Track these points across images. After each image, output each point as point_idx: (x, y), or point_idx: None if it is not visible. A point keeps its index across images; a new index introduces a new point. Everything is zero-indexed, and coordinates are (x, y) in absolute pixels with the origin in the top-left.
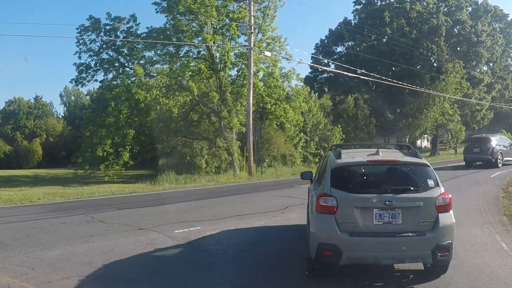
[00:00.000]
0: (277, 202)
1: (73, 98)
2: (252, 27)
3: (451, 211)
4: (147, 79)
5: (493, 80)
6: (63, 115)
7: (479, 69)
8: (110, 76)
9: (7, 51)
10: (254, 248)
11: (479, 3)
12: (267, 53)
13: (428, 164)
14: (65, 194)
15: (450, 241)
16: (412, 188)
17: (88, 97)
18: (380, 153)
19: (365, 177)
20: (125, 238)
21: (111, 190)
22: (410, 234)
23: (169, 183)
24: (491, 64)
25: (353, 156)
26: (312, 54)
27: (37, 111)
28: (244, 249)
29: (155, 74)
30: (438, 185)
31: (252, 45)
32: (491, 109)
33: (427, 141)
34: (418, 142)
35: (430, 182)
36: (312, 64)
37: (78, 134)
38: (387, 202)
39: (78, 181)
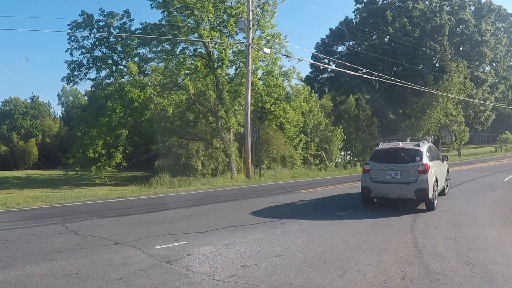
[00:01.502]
0: (276, 210)
1: (71, 98)
2: (251, 23)
3: (428, 173)
4: (142, 77)
5: (496, 81)
6: (61, 115)
7: (482, 69)
8: (103, 74)
9: (5, 50)
10: (246, 272)
11: (483, 2)
12: (266, 50)
13: (420, 149)
14: (49, 198)
15: (425, 187)
16: (406, 160)
17: (86, 97)
18: (400, 144)
19: (386, 155)
20: (96, 255)
21: (98, 194)
22: (403, 183)
23: (162, 187)
24: (494, 64)
25: (385, 145)
26: (313, 53)
27: (34, 111)
28: (235, 273)
29: (149, 72)
30: (422, 160)
31: (250, 41)
32: (492, 110)
33: (428, 142)
34: None
35: (417, 158)
36: (313, 62)
37: (73, 135)
38: (392, 167)
39: (70, 183)
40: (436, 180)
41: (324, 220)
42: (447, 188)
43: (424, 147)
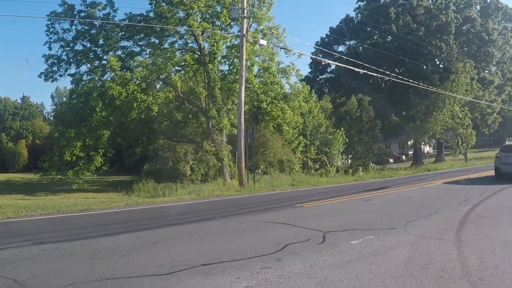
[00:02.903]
0: (270, 235)
1: (64, 99)
2: (245, 11)
3: None
4: (125, 72)
5: (502, 82)
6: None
7: (489, 70)
8: (83, 69)
9: None
10: None
11: (488, 0)
12: (263, 42)
13: None
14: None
15: None
16: None
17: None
18: None
19: (510, 147)
20: None
21: (62, 205)
22: None
23: (140, 196)
24: (500, 65)
25: (508, 142)
26: (312, 53)
27: (24, 112)
28: None
29: (133, 67)
30: None
31: (244, 32)
32: (498, 113)
33: (429, 146)
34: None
35: None
36: (314, 57)
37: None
38: None
39: (49, 189)
40: None
41: (337, 254)
42: None
43: None
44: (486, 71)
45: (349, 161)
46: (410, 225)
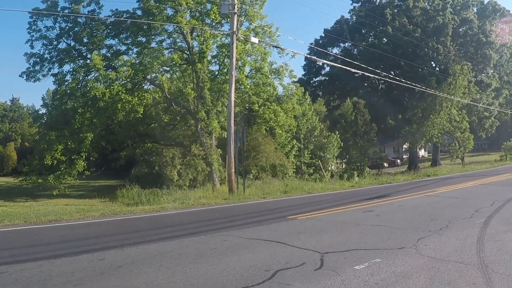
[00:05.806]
0: (257, 257)
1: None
2: (236, 7)
3: None
4: (109, 71)
5: (499, 85)
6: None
7: (486, 73)
8: (67, 68)
9: None
10: None
11: (486, 2)
12: (254, 39)
13: None
14: None
15: None
16: None
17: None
18: None
19: None
20: None
21: (30, 215)
22: None
23: (123, 202)
24: (498, 68)
25: None
26: (306, 54)
27: (13, 114)
28: None
29: (118, 66)
30: None
31: (235, 29)
32: (494, 116)
33: (424, 150)
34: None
35: None
36: (309, 56)
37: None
38: None
39: (30, 194)
40: None
41: (339, 285)
42: None
43: None
44: (484, 74)
45: (344, 165)
46: (421, 243)
